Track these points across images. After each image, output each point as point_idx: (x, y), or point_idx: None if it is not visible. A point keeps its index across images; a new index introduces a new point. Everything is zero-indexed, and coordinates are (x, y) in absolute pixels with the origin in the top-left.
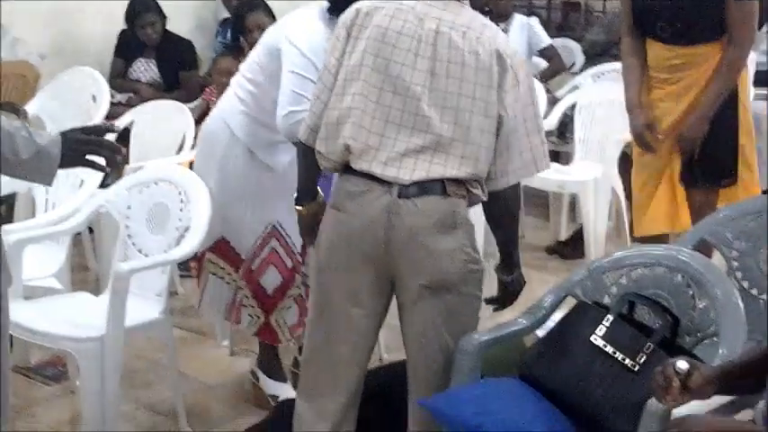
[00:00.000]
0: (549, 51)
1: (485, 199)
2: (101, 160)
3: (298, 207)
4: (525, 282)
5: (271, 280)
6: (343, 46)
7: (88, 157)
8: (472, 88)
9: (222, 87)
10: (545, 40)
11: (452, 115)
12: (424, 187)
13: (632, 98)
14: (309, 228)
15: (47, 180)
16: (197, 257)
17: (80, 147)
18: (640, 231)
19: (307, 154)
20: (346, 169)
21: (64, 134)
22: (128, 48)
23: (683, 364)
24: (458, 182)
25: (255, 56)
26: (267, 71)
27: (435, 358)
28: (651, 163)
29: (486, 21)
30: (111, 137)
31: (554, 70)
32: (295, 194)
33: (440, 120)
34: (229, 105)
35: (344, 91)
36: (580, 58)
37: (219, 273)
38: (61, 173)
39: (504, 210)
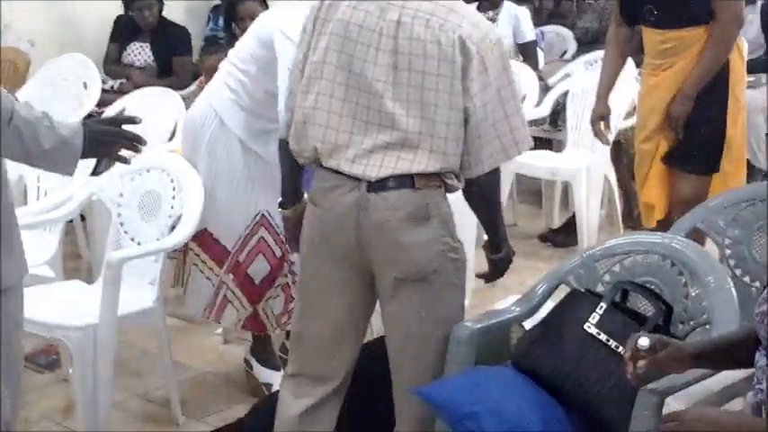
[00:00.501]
0: (527, 47)
1: (460, 187)
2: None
3: (283, 210)
4: (514, 253)
5: (259, 269)
6: (308, 40)
7: (109, 147)
8: (435, 80)
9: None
10: (528, 35)
11: (417, 109)
12: (393, 182)
13: (599, 87)
14: (295, 231)
15: (68, 170)
16: None
17: (102, 137)
18: (650, 222)
19: (287, 151)
20: (319, 164)
21: (85, 124)
22: (123, 32)
23: (644, 341)
24: (429, 174)
25: (246, 45)
26: (260, 61)
27: (419, 351)
28: (649, 150)
29: (457, 3)
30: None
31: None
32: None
33: (405, 115)
34: (218, 93)
35: (308, 89)
36: (572, 46)
37: (200, 266)
38: None
39: (483, 196)
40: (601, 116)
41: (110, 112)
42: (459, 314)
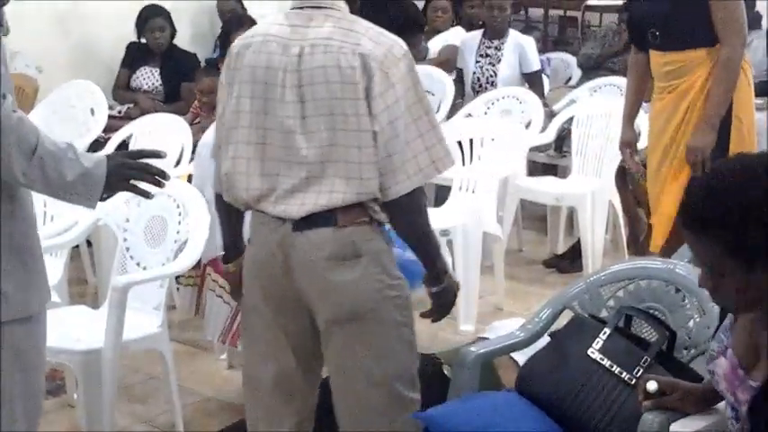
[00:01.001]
0: (532, 77)
1: (387, 221)
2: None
3: (225, 265)
4: (459, 288)
5: None
6: (225, 92)
7: (132, 181)
8: (341, 105)
9: (203, 105)
10: (534, 64)
11: (329, 138)
12: (315, 220)
13: (624, 114)
14: (240, 285)
15: (90, 203)
16: (198, 266)
17: (125, 171)
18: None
19: (223, 204)
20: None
21: (109, 157)
22: (134, 58)
23: (652, 385)
24: (354, 208)
25: None
26: None
27: (364, 395)
28: (660, 173)
29: (356, 22)
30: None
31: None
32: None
33: (318, 146)
34: None
35: (229, 140)
36: (577, 72)
37: (218, 291)
38: None
39: (407, 220)
40: (627, 143)
41: (117, 137)
42: (407, 353)
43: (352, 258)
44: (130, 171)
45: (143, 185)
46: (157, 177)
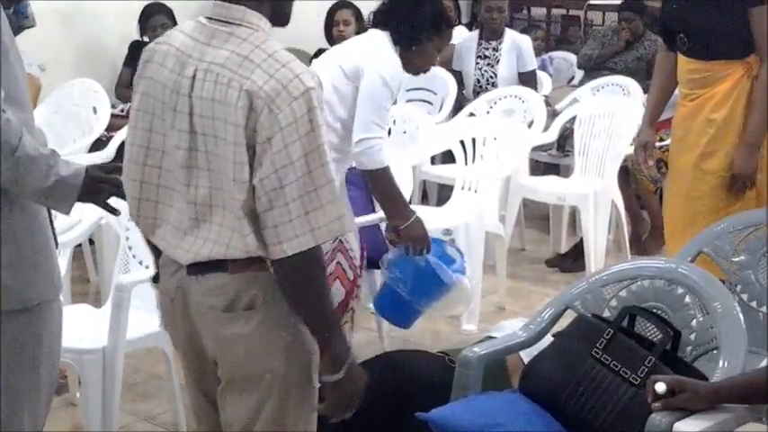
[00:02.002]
0: (527, 76)
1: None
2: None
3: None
4: (361, 381)
5: (335, 294)
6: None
7: (104, 195)
8: (224, 147)
9: None
10: (529, 64)
11: (215, 180)
12: (207, 264)
13: (644, 115)
14: None
15: (64, 209)
16: None
17: (98, 185)
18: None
19: None
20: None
21: (88, 168)
22: (137, 56)
23: (660, 387)
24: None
25: (327, 75)
26: (340, 91)
27: None
28: (701, 198)
29: (256, 49)
30: None
31: None
32: None
33: (205, 187)
34: None
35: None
36: (580, 71)
37: None
38: None
39: (292, 286)
40: (643, 144)
41: (119, 136)
42: (306, 420)
43: (244, 310)
44: (103, 185)
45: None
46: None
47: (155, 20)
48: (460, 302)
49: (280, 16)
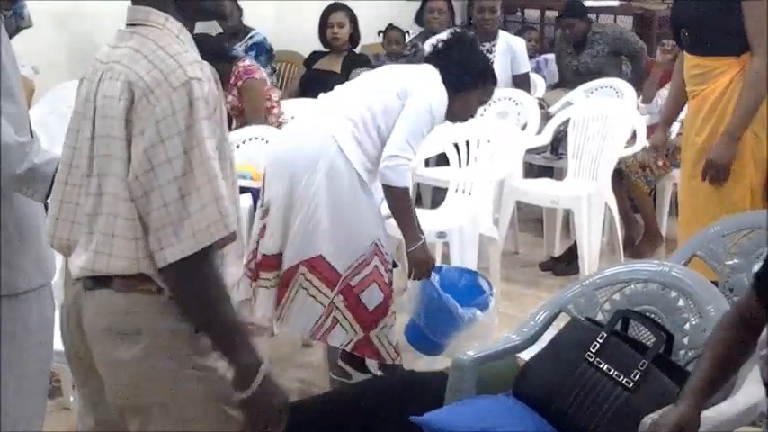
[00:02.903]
0: (519, 79)
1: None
2: None
3: None
4: (277, 397)
5: (373, 297)
6: None
7: None
8: (113, 144)
9: None
10: (523, 66)
11: (106, 184)
12: (97, 278)
13: (661, 116)
14: None
15: (38, 197)
16: (278, 268)
17: None
18: None
19: None
20: None
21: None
22: None
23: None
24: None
25: (380, 93)
26: (387, 105)
27: None
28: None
29: (151, 43)
30: None
31: None
32: None
33: (94, 194)
34: (337, 123)
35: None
36: None
37: (311, 290)
38: None
39: (182, 296)
40: (654, 146)
41: None
42: None
43: (130, 334)
44: None
45: None
46: None
47: None
48: (479, 337)
49: (197, 12)
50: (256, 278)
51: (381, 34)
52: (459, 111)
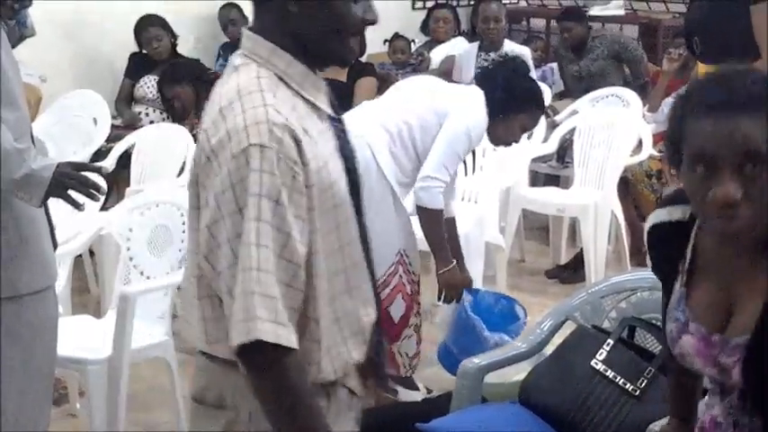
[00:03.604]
0: None
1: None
2: (80, 197)
3: None
4: None
5: (398, 308)
6: None
7: (70, 191)
8: (190, 215)
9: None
10: None
11: (189, 258)
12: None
13: None
14: None
15: (34, 202)
16: None
17: (65, 180)
18: None
19: None
20: None
21: (59, 165)
22: (137, 68)
23: None
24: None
25: (418, 107)
26: (425, 121)
27: None
28: None
29: (235, 88)
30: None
31: None
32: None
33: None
34: (373, 132)
35: None
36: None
37: None
38: None
39: (252, 387)
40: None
41: (119, 147)
42: None
43: (213, 407)
44: (70, 181)
45: (78, 197)
46: (92, 191)
47: (148, 33)
48: None
49: (319, 57)
50: None
51: (387, 43)
52: (502, 134)
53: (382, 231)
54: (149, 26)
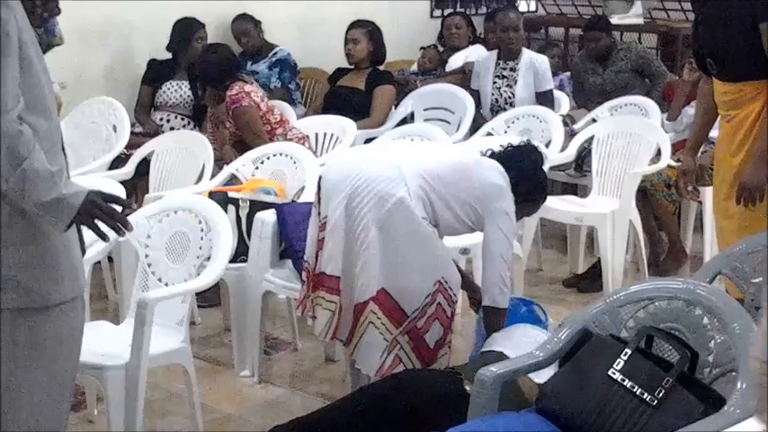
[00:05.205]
0: (542, 97)
1: None
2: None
3: None
4: None
5: (434, 335)
6: None
7: (97, 221)
8: None
9: (215, 136)
10: (546, 84)
11: None
12: None
13: (687, 141)
14: None
15: (59, 226)
16: (336, 292)
17: (94, 209)
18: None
19: None
20: None
21: (89, 192)
22: (156, 75)
23: None
24: None
25: (467, 187)
26: (464, 205)
27: None
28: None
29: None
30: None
31: None
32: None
33: None
34: (415, 180)
35: None
36: None
37: (377, 324)
38: None
39: None
40: (683, 171)
41: (138, 154)
42: None
43: None
44: (99, 211)
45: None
46: (119, 225)
47: (198, 34)
48: None
49: None
50: (314, 290)
51: (422, 50)
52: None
53: (420, 263)
54: (200, 28)
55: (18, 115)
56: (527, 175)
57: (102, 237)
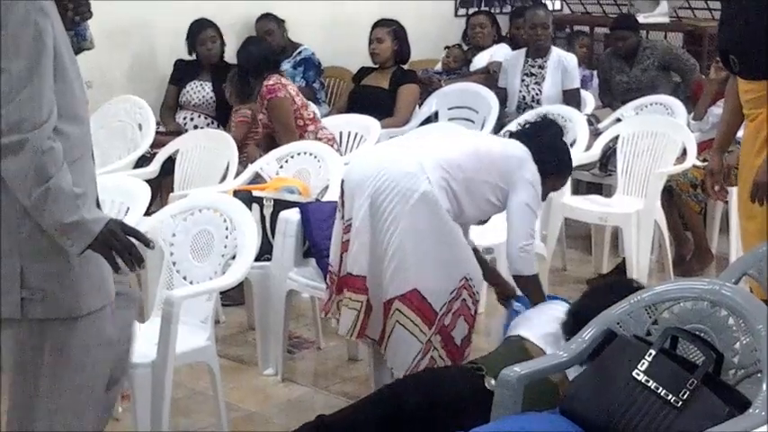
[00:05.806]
0: (568, 95)
1: None
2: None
3: None
4: None
5: (460, 332)
6: None
7: (113, 252)
8: None
9: (239, 133)
10: (573, 82)
11: None
12: None
13: (714, 141)
14: None
15: (75, 249)
16: (363, 291)
17: (112, 240)
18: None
19: None
20: None
21: (111, 220)
22: (183, 75)
23: None
24: None
25: (487, 166)
26: (487, 183)
27: None
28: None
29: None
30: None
31: None
32: None
33: None
34: (436, 172)
35: None
36: None
37: (409, 326)
38: (105, 198)
39: None
40: (710, 171)
41: (163, 153)
42: None
43: None
44: (116, 242)
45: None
46: (133, 261)
47: (205, 34)
48: None
49: None
50: (339, 292)
51: (446, 49)
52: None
53: (445, 258)
54: (206, 28)
55: (53, 127)
56: (548, 147)
57: (115, 268)
